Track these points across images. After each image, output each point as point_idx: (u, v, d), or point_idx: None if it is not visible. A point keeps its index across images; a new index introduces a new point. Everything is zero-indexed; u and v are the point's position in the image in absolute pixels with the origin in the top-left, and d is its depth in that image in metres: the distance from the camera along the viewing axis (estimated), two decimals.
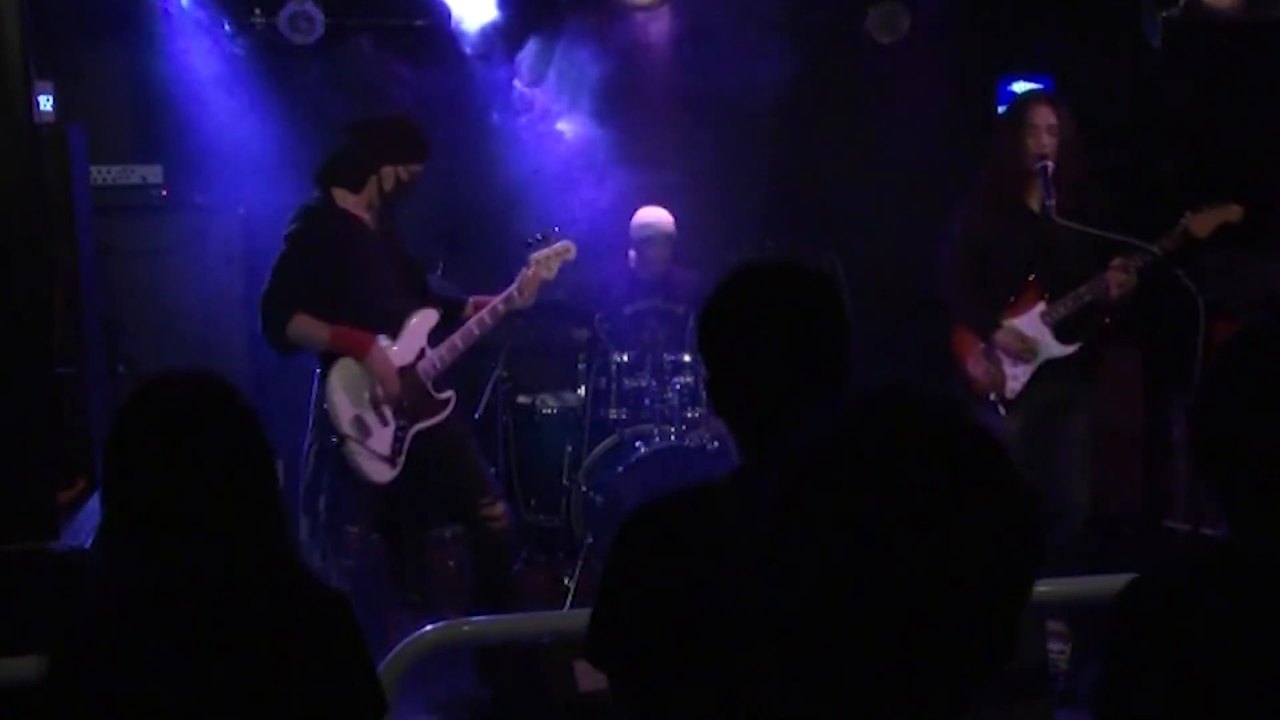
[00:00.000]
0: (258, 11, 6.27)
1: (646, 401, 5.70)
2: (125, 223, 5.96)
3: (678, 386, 5.69)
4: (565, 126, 6.56)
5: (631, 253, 6.05)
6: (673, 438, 5.54)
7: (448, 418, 4.84)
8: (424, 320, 4.84)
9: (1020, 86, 6.26)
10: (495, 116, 6.56)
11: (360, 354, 4.65)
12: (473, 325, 4.83)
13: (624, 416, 5.74)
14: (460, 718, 4.56)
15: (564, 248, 5.03)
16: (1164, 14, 6.62)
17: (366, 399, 4.68)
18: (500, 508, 4.89)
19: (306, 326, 4.61)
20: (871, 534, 1.03)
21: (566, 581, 5.57)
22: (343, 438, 4.64)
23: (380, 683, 2.12)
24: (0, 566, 3.69)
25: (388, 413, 4.70)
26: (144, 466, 1.97)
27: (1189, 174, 5.87)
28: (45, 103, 5.52)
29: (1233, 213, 4.77)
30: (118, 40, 6.20)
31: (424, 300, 4.89)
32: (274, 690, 1.94)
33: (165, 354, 5.67)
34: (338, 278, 4.66)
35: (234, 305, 6.25)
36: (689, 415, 5.69)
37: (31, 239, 3.94)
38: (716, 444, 5.53)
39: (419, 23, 6.46)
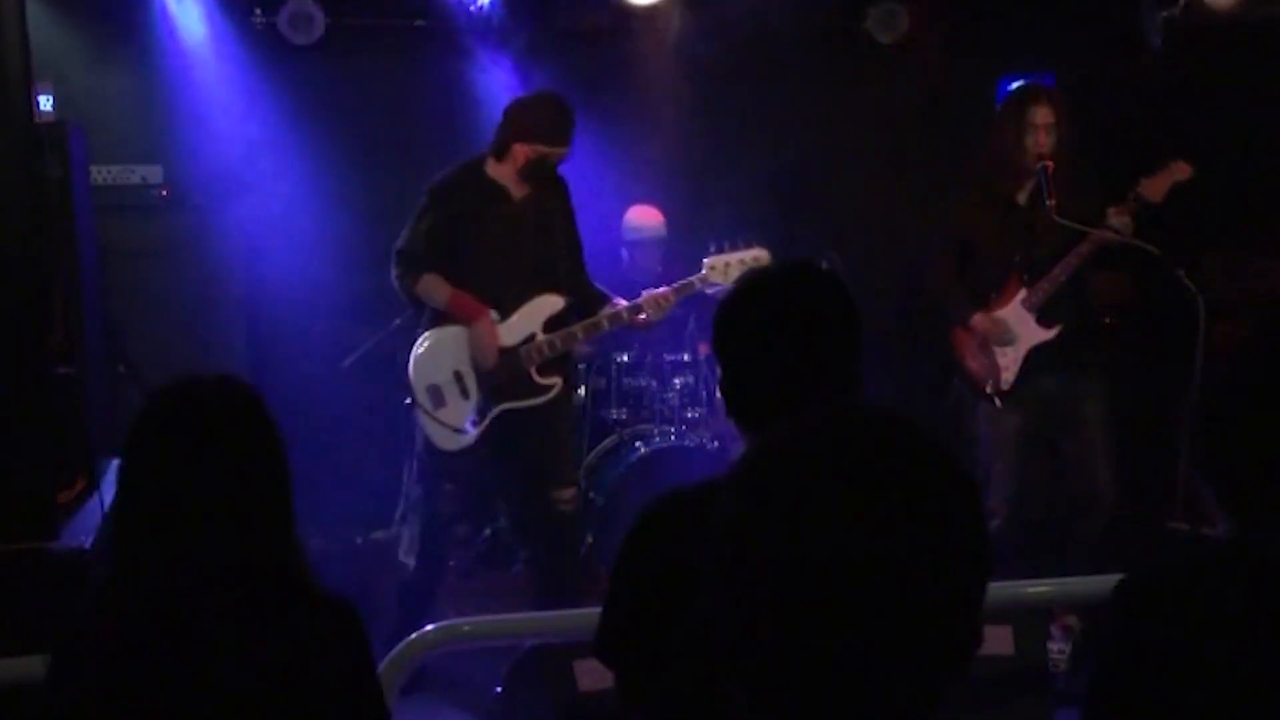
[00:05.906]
0: (258, 11, 6.26)
1: (646, 401, 5.70)
2: (125, 223, 5.97)
3: (678, 386, 5.69)
4: None
5: (624, 253, 6.03)
6: (673, 438, 5.54)
7: (544, 404, 4.78)
8: (544, 305, 4.75)
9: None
10: (495, 116, 6.54)
11: (469, 321, 4.66)
12: (603, 319, 4.77)
13: (624, 416, 5.74)
14: (461, 717, 4.56)
15: (753, 256, 4.82)
16: (1164, 14, 6.63)
17: (450, 371, 4.70)
18: (571, 493, 4.88)
19: (432, 286, 4.68)
20: (814, 549, 1.04)
21: None
22: (414, 403, 4.69)
23: (382, 695, 2.11)
24: (0, 566, 3.69)
25: (471, 386, 4.71)
26: (162, 465, 1.97)
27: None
28: (45, 103, 5.52)
29: (1181, 170, 4.76)
30: (118, 40, 6.19)
31: (553, 286, 4.77)
32: (274, 695, 1.93)
33: (165, 354, 5.67)
34: (465, 242, 4.66)
35: (234, 305, 6.25)
36: (689, 415, 5.69)
37: (31, 239, 3.94)
38: (716, 444, 5.53)
39: (419, 23, 6.46)
